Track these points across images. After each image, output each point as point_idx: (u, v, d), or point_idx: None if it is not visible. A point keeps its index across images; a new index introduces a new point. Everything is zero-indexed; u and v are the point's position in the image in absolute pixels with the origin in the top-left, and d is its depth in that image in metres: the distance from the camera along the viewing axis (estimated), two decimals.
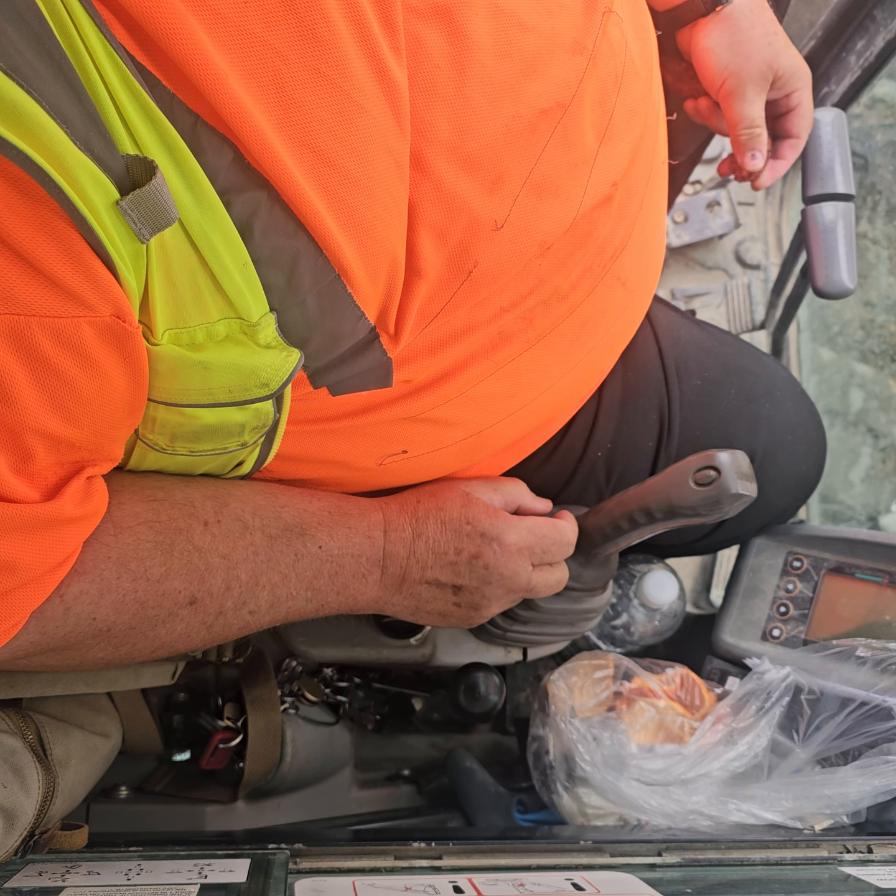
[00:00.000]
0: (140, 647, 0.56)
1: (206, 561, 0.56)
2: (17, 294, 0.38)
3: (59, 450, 0.45)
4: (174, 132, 0.40)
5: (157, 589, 0.54)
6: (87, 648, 0.54)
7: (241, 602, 0.58)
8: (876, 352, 1.47)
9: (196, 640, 0.59)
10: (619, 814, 0.79)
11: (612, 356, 0.75)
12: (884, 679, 0.77)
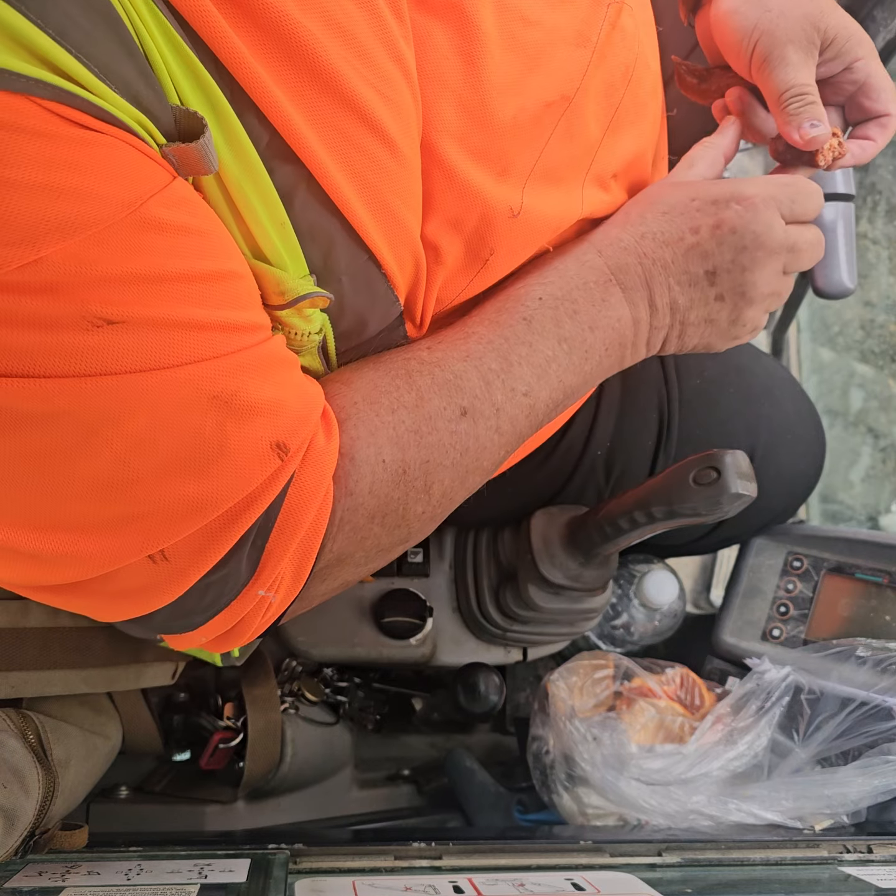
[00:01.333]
0: (447, 482, 0.51)
1: (450, 370, 0.52)
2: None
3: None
4: (219, 92, 0.40)
5: (420, 413, 0.50)
6: (399, 503, 0.50)
7: (508, 389, 0.53)
8: (876, 352, 1.47)
9: (495, 449, 0.53)
10: (619, 814, 0.79)
11: None
12: (884, 679, 0.77)
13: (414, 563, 0.90)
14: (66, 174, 0.35)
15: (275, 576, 0.45)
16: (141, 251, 0.38)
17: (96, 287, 0.37)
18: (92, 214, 0.36)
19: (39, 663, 0.65)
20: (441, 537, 0.93)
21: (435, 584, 0.91)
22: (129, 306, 0.37)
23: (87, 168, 0.36)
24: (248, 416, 0.41)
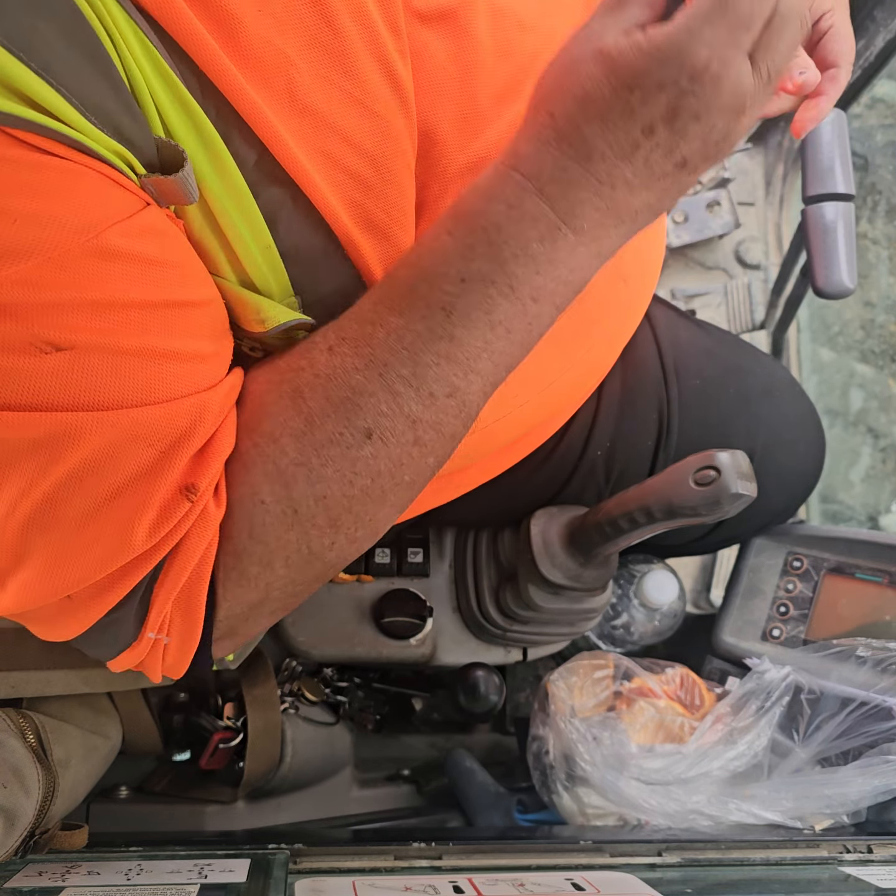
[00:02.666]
0: (361, 509, 0.46)
1: (347, 385, 0.44)
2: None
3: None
4: (204, 118, 0.41)
5: (309, 442, 0.44)
6: (300, 543, 0.45)
7: (426, 396, 0.45)
8: (876, 352, 1.47)
9: (421, 461, 0.47)
10: (619, 813, 0.79)
11: (612, 354, 0.75)
12: (884, 679, 0.77)
13: (414, 563, 0.90)
14: (22, 199, 0.35)
15: (161, 618, 0.44)
16: (95, 279, 0.38)
17: (47, 312, 0.37)
18: (46, 239, 0.36)
19: (39, 663, 0.65)
20: (441, 537, 0.93)
21: (435, 584, 0.91)
22: (78, 334, 0.38)
23: (45, 193, 0.36)
24: (175, 464, 0.41)
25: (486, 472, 0.76)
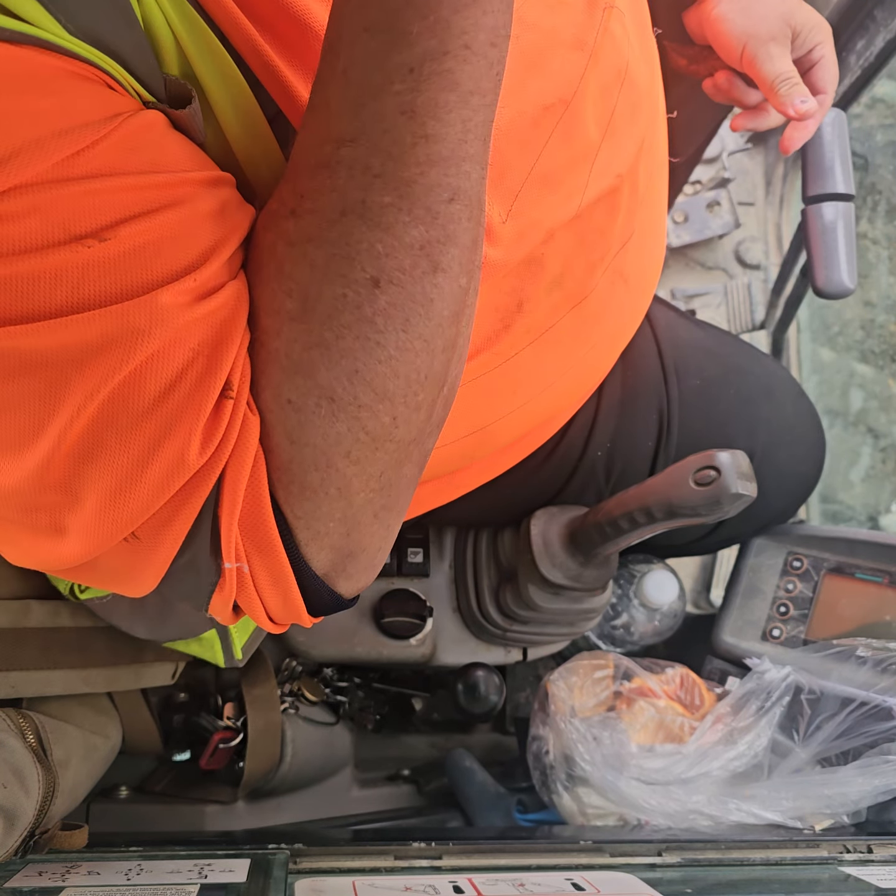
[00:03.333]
0: (403, 368, 0.39)
1: (327, 240, 0.38)
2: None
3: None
4: (230, 61, 0.40)
5: (312, 319, 0.38)
6: (358, 429, 0.39)
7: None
8: (876, 352, 1.47)
9: (457, 290, 0.40)
10: (619, 813, 0.79)
11: (613, 354, 0.75)
12: (884, 679, 0.77)
13: (414, 563, 0.90)
14: (39, 95, 0.35)
15: (232, 546, 0.40)
16: (122, 165, 0.36)
17: (79, 204, 0.35)
18: (68, 133, 0.35)
19: (40, 663, 0.65)
20: (441, 537, 0.93)
21: (435, 584, 0.91)
22: (115, 218, 0.36)
23: (61, 90, 0.36)
24: (224, 363, 0.37)
25: (487, 472, 0.76)
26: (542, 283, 0.59)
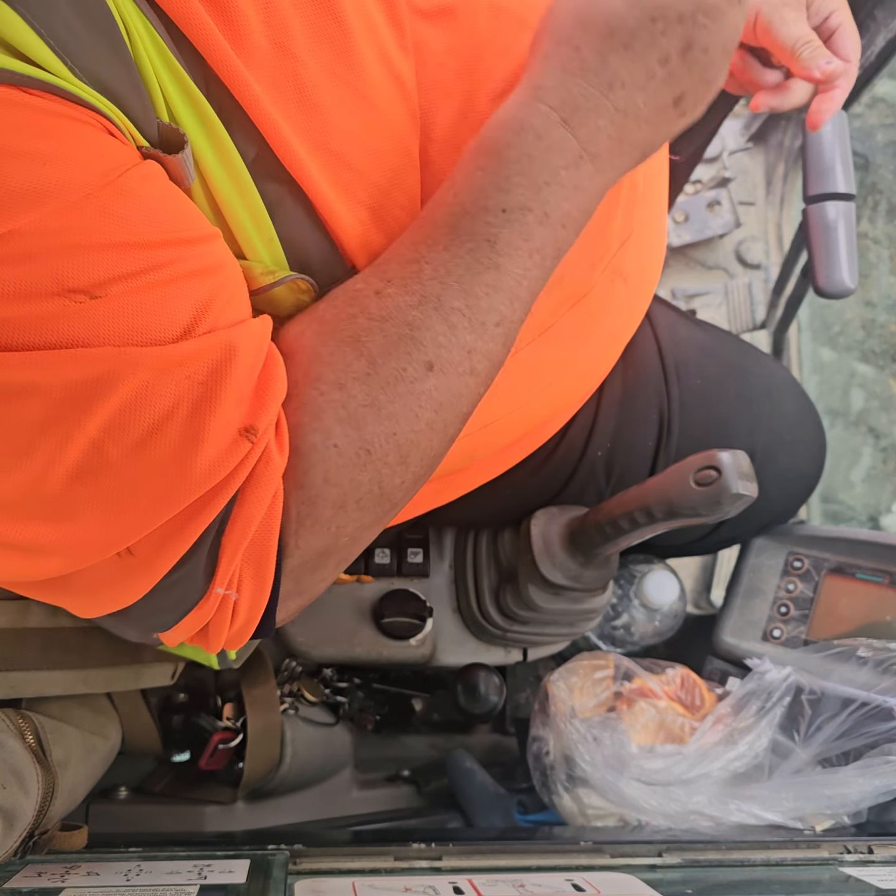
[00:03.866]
0: (427, 444, 0.46)
1: (404, 322, 0.45)
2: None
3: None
4: (209, 108, 0.41)
5: (374, 383, 0.44)
6: (372, 483, 0.45)
7: (478, 325, 0.46)
8: (877, 351, 1.47)
9: (475, 390, 0.48)
10: (619, 814, 0.78)
11: (613, 353, 0.75)
12: (885, 679, 0.77)
13: (414, 563, 0.90)
14: (42, 141, 0.35)
15: (230, 573, 0.43)
16: (118, 221, 0.37)
17: (72, 257, 0.36)
18: (67, 182, 0.35)
19: (39, 663, 0.65)
20: (441, 537, 0.92)
21: (435, 585, 0.91)
22: (107, 276, 0.36)
23: (64, 137, 0.35)
24: (221, 399, 0.39)
25: (487, 473, 0.76)
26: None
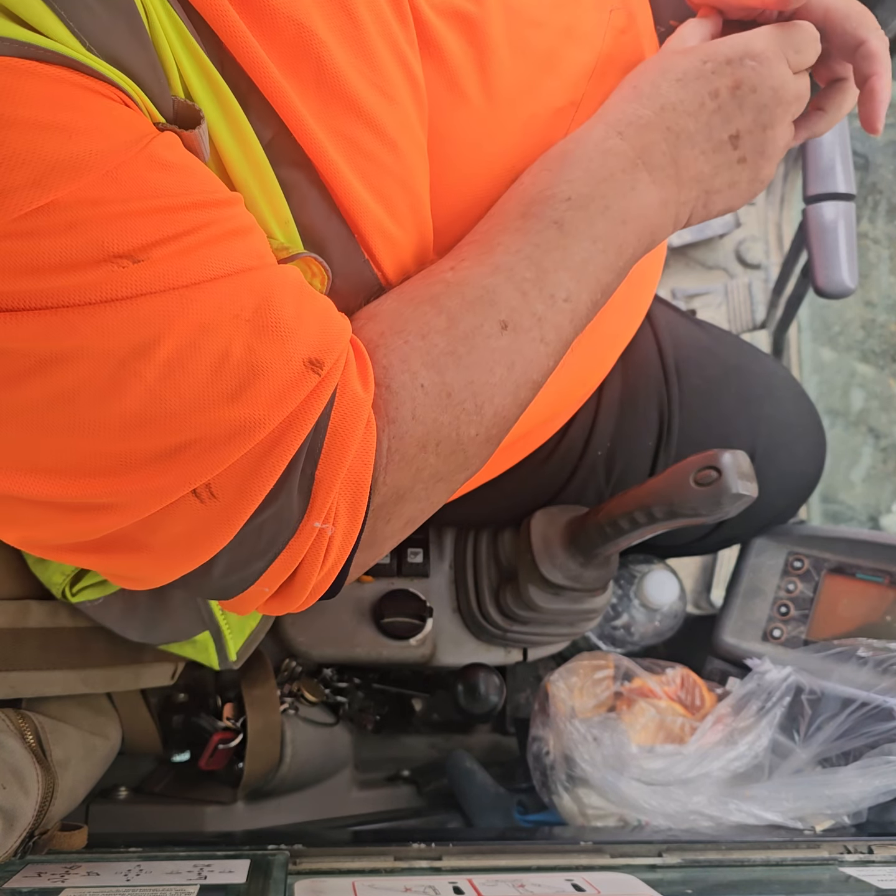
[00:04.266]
0: (498, 400, 0.49)
1: (480, 286, 0.48)
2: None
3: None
4: (226, 87, 0.41)
5: (454, 335, 0.47)
6: (451, 427, 0.47)
7: (548, 297, 0.50)
8: (877, 351, 1.47)
9: (543, 358, 0.51)
10: (619, 814, 0.78)
11: (613, 351, 0.75)
12: (885, 679, 0.77)
13: (414, 563, 0.90)
14: (71, 113, 0.35)
15: (328, 505, 0.43)
16: (153, 187, 0.37)
17: (113, 225, 0.36)
18: (101, 152, 0.36)
19: (39, 664, 0.65)
20: (441, 537, 0.92)
21: (435, 585, 0.91)
22: (148, 240, 0.37)
23: (91, 109, 0.36)
24: (275, 333, 0.40)
25: (487, 473, 0.76)
26: None
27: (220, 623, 0.69)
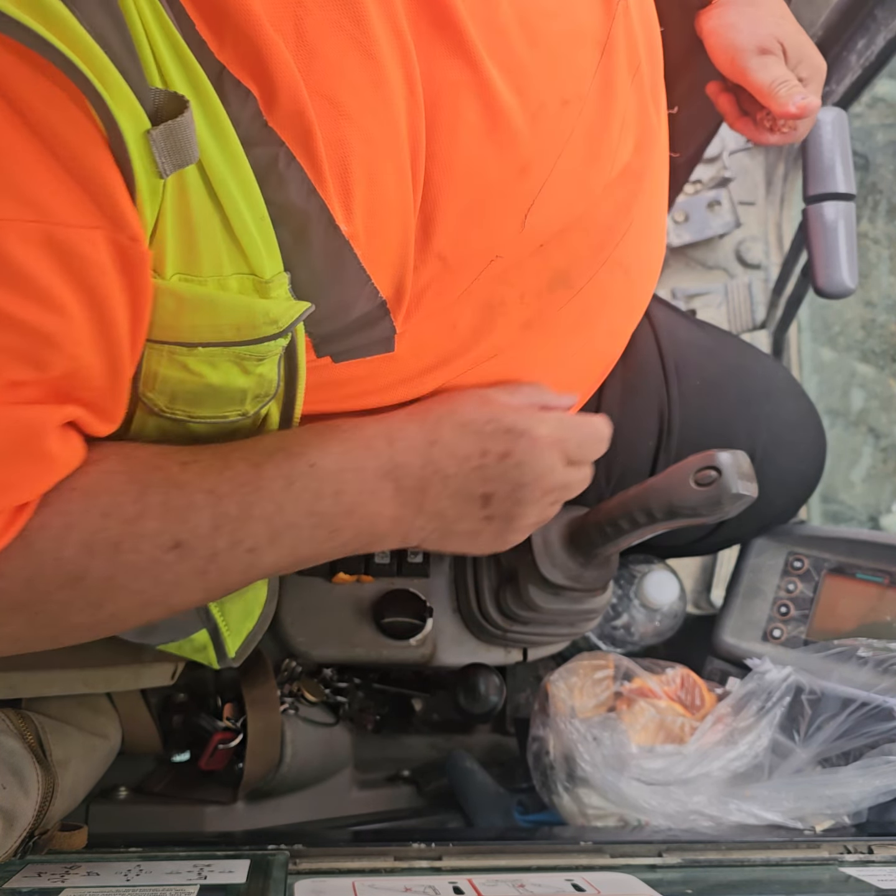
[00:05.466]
0: (124, 605, 0.49)
1: (189, 498, 0.49)
2: (47, 201, 0.37)
3: (77, 376, 0.42)
4: (203, 74, 0.40)
5: (132, 529, 0.47)
6: (60, 606, 0.48)
7: (235, 540, 0.50)
8: (877, 351, 1.47)
9: (192, 592, 0.52)
10: (619, 814, 0.78)
11: (614, 347, 0.75)
12: (885, 679, 0.77)
13: (414, 563, 0.90)
14: None
15: None
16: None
17: None
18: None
19: (38, 663, 0.65)
20: None
21: (435, 585, 0.91)
22: None
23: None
24: None
25: None
26: (544, 275, 0.59)
27: (218, 621, 0.70)
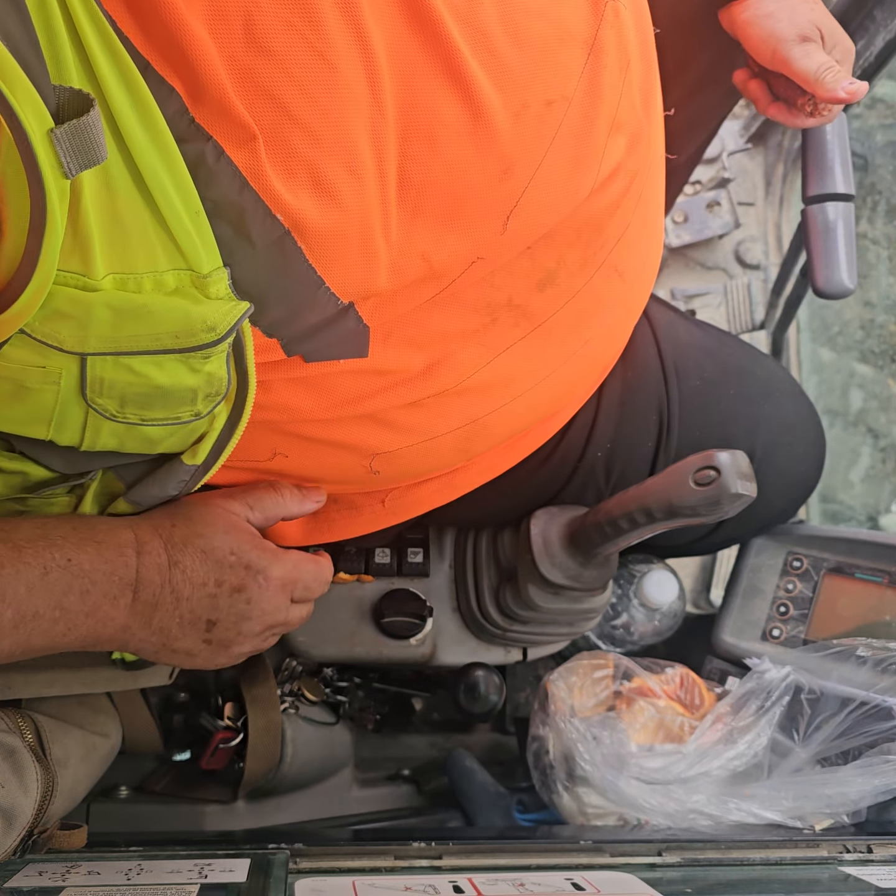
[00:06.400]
0: None
1: None
2: None
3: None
4: (134, 67, 0.39)
5: None
6: None
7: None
8: (876, 352, 1.47)
9: None
10: (619, 813, 0.79)
11: (611, 349, 0.75)
12: (884, 679, 0.77)
13: (414, 563, 0.90)
14: None
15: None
16: None
17: None
18: None
19: (38, 664, 0.65)
20: (441, 537, 0.93)
21: (435, 584, 0.91)
22: None
23: None
24: None
25: (487, 473, 0.76)
26: (533, 278, 0.59)
27: None
